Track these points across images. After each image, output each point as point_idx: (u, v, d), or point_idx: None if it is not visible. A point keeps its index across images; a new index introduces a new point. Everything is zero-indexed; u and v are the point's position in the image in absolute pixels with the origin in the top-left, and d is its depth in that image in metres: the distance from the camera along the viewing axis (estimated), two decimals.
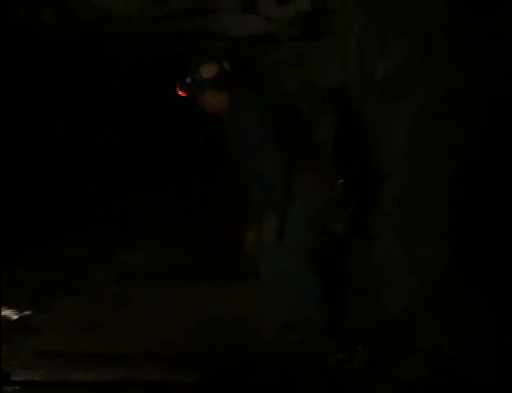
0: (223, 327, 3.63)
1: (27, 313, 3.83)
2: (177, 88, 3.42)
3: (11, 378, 3.03)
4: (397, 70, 3.97)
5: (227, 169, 8.87)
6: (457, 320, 2.73)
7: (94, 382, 3.03)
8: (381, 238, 4.24)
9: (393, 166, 3.95)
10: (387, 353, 3.15)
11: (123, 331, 3.60)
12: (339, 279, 3.79)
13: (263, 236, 3.19)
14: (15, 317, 3.76)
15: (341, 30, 5.73)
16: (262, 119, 3.18)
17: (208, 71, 3.34)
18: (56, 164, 7.38)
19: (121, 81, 9.10)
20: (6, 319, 3.70)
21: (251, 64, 9.88)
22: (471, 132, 2.65)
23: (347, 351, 3.22)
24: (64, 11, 5.28)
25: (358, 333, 3.39)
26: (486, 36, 2.53)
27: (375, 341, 3.27)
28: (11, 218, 5.64)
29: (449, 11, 2.98)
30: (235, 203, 6.40)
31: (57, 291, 4.20)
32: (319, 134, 7.26)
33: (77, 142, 7.78)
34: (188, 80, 3.39)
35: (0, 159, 5.92)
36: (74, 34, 6.51)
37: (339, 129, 6.17)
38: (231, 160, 3.57)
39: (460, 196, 2.76)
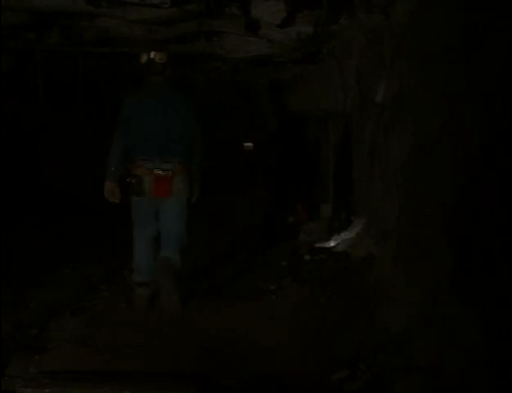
0: (224, 346, 3.66)
1: (32, 331, 3.86)
2: None
3: None
4: (396, 92, 4.04)
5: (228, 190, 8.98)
6: (456, 338, 2.75)
7: None
8: (381, 257, 4.29)
9: (394, 184, 4.00)
10: (387, 371, 3.17)
11: (127, 349, 3.63)
12: None
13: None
14: (21, 335, 3.78)
15: (342, 53, 5.83)
16: (122, 108, 4.09)
17: (140, 57, 4.12)
18: (69, 189, 7.46)
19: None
20: (11, 337, 3.72)
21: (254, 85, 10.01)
22: (472, 149, 2.69)
23: (348, 370, 3.25)
24: (69, 34, 5.38)
25: (359, 352, 3.40)
26: (485, 54, 2.59)
27: (375, 359, 3.28)
28: (18, 236, 5.69)
29: (448, 33, 3.05)
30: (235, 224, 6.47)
31: (63, 310, 4.23)
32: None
33: (82, 164, 7.83)
34: None
35: (11, 180, 6.01)
36: (79, 56, 6.63)
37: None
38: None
39: (460, 213, 2.79)
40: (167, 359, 3.49)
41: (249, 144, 10.81)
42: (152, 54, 4.02)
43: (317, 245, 5.78)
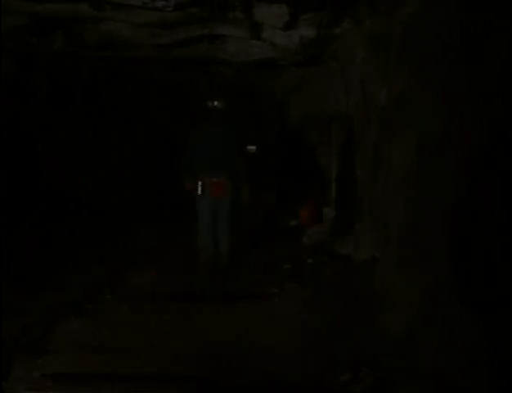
0: (225, 349, 3.67)
1: (36, 335, 3.87)
2: None
3: None
4: (398, 94, 4.04)
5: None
6: (456, 339, 2.74)
7: None
8: (383, 262, 4.28)
9: (396, 186, 4.00)
10: (390, 374, 3.16)
11: (130, 352, 3.64)
12: None
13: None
14: (24, 339, 3.79)
15: (344, 56, 5.83)
16: (190, 137, 5.81)
17: (208, 104, 5.75)
18: (70, 191, 7.49)
19: (131, 107, 9.22)
20: (14, 340, 3.73)
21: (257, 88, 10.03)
22: (472, 149, 2.69)
23: (351, 373, 3.25)
24: (72, 37, 5.41)
25: (361, 354, 3.40)
26: (485, 54, 2.59)
27: (377, 362, 3.28)
28: (18, 236, 5.72)
29: (448, 33, 3.05)
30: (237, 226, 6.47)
31: (66, 314, 4.24)
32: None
33: (82, 164, 7.87)
34: None
35: (11, 180, 6.02)
36: (83, 60, 6.66)
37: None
38: None
39: (460, 213, 2.79)
40: (167, 360, 3.50)
41: (252, 147, 10.82)
42: (215, 102, 5.69)
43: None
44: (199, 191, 5.63)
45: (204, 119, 5.91)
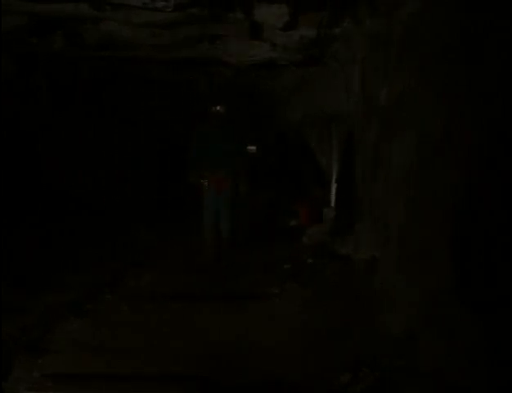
0: (225, 349, 3.66)
1: (36, 335, 3.87)
2: None
3: None
4: (398, 94, 4.04)
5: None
6: (456, 339, 2.74)
7: None
8: (383, 262, 4.28)
9: (396, 186, 4.00)
10: (390, 374, 3.16)
11: (130, 352, 3.64)
12: None
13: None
14: (24, 339, 3.79)
15: (345, 56, 5.83)
16: (196, 138, 6.14)
17: (210, 109, 6.11)
18: (70, 191, 7.50)
19: (131, 107, 9.22)
20: (15, 341, 3.73)
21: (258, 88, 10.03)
22: (472, 149, 2.69)
23: (351, 373, 3.25)
24: (72, 37, 5.41)
25: (361, 354, 3.40)
26: (485, 54, 2.59)
27: (377, 362, 3.28)
28: (18, 236, 5.72)
29: (448, 33, 3.05)
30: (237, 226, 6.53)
31: (66, 314, 4.24)
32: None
33: (82, 164, 7.88)
34: None
35: (11, 180, 6.03)
36: (83, 60, 6.67)
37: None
38: None
39: (460, 213, 2.79)
40: (167, 360, 3.50)
41: (252, 147, 10.84)
42: (218, 107, 6.07)
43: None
44: (205, 187, 6.09)
45: (204, 120, 6.19)
